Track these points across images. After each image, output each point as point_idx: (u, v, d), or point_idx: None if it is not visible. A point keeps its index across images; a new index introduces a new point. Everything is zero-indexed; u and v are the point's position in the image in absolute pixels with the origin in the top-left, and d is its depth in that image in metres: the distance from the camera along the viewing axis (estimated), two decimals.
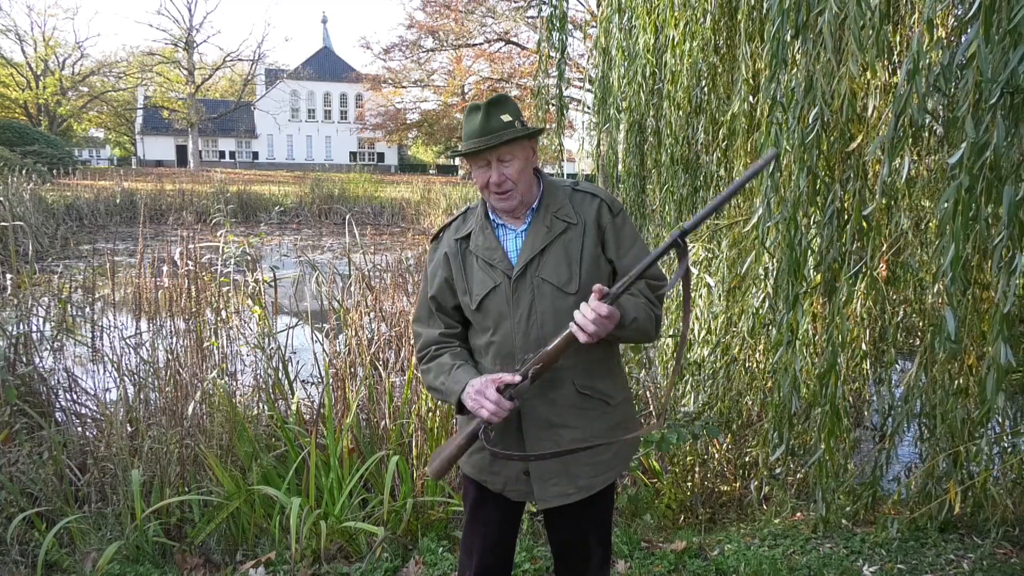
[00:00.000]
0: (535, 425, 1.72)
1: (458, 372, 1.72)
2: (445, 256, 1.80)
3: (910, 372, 3.02)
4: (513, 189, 1.69)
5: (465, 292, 1.77)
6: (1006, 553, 2.87)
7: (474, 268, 1.75)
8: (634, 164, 4.71)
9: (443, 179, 37.61)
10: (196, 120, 42.76)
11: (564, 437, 1.71)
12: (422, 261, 7.03)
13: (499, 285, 1.71)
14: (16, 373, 3.71)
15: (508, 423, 1.70)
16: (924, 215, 3.09)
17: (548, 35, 4.55)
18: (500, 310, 1.71)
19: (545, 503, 1.75)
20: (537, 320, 1.69)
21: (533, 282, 1.69)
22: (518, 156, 1.69)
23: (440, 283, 1.81)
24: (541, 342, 1.67)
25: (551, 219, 1.72)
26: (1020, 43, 1.81)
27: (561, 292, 1.68)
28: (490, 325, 1.74)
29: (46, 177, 21.27)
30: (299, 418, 3.46)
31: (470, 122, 1.70)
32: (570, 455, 1.71)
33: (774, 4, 2.57)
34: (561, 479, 1.74)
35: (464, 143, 1.70)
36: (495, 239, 1.75)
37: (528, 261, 1.70)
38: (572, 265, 1.69)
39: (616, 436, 1.77)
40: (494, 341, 1.73)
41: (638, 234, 1.79)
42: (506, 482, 1.78)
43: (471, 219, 1.82)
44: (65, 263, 9.69)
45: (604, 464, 1.78)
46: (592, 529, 1.84)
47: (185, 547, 2.93)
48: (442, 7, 36.25)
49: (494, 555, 1.90)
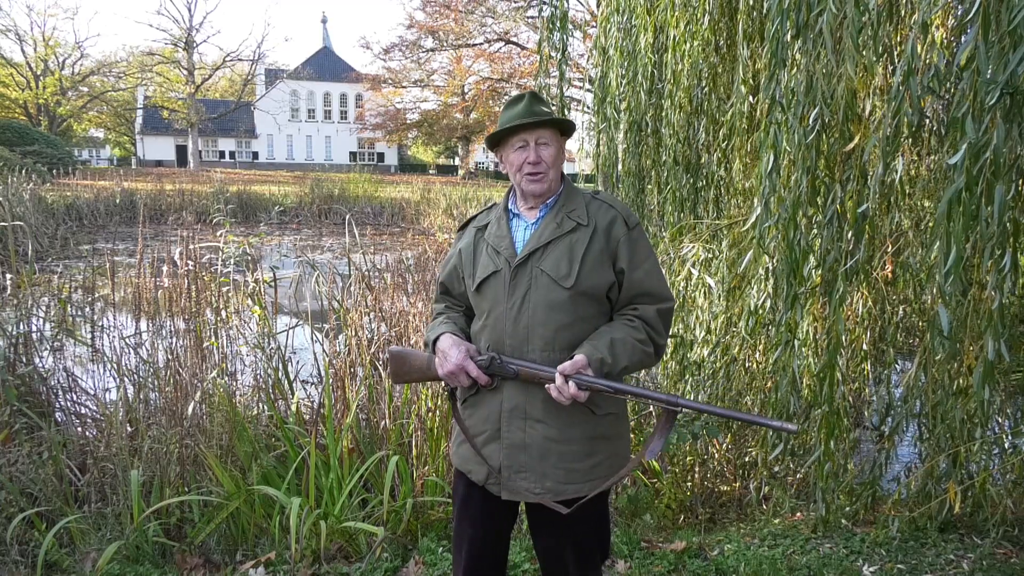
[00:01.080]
0: (511, 413, 1.76)
1: (439, 326, 1.85)
2: (460, 250, 1.90)
3: (910, 372, 3.02)
4: (546, 172, 1.77)
5: (470, 276, 1.84)
6: (1006, 553, 2.87)
7: (483, 254, 1.83)
8: (633, 164, 4.71)
9: (443, 179, 37.62)
10: (196, 120, 42.76)
11: (537, 431, 1.74)
12: (422, 261, 7.03)
13: (500, 270, 1.78)
14: (16, 373, 3.71)
15: (490, 407, 1.78)
16: (924, 215, 3.09)
17: (548, 35, 4.55)
18: (496, 295, 1.77)
19: (510, 495, 1.78)
20: (529, 309, 1.73)
21: (532, 272, 1.74)
22: (554, 143, 1.79)
23: (451, 270, 1.94)
24: (529, 331, 1.72)
25: (563, 217, 1.77)
26: (1020, 44, 1.81)
27: (557, 285, 1.71)
28: (485, 309, 1.80)
29: (46, 177, 21.28)
30: (299, 418, 3.46)
31: (512, 107, 1.78)
32: (542, 452, 1.74)
33: (774, 4, 2.57)
34: (531, 475, 1.75)
35: (506, 124, 1.77)
36: (507, 228, 1.83)
37: (532, 251, 1.75)
38: (573, 263, 1.72)
39: (597, 448, 1.77)
40: (487, 326, 1.79)
41: (652, 251, 1.80)
42: (488, 473, 1.80)
43: (494, 211, 1.91)
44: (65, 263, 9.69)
45: (578, 474, 1.75)
46: (568, 545, 1.83)
47: (185, 547, 2.93)
48: (442, 7, 36.28)
49: (482, 550, 1.90)
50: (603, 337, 1.69)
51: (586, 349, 1.66)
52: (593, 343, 1.68)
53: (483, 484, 1.82)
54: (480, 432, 1.81)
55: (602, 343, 1.67)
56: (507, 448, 1.76)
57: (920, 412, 3.08)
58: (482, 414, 1.81)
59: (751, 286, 3.35)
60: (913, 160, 3.11)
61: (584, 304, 1.73)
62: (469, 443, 1.83)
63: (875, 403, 3.73)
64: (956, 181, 1.93)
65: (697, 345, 3.78)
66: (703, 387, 3.75)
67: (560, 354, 1.70)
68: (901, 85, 2.12)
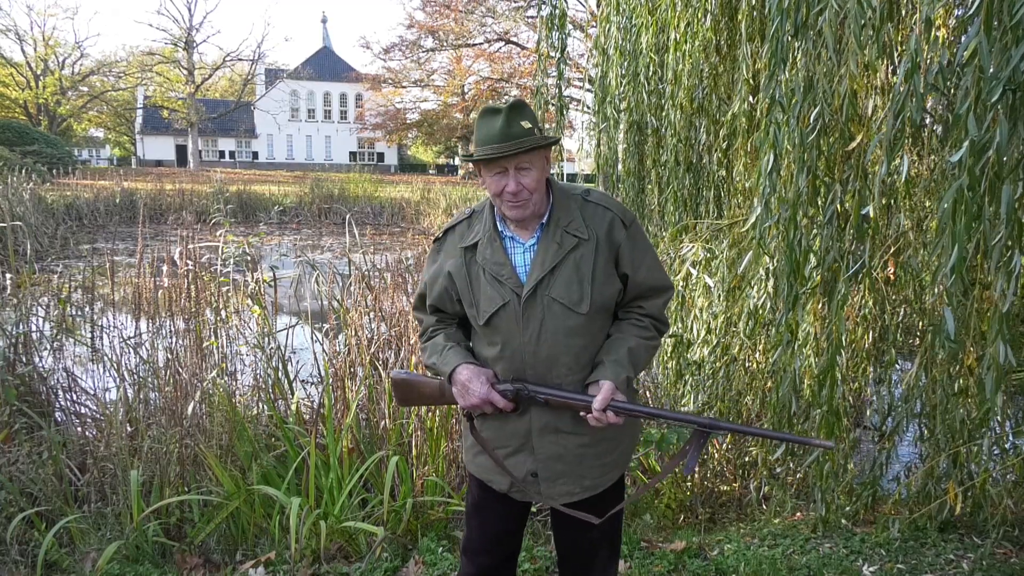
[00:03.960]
0: (541, 430, 1.73)
1: (449, 354, 1.76)
2: (448, 273, 1.76)
3: (910, 372, 3.02)
4: (528, 199, 1.64)
5: (472, 305, 1.73)
6: (1006, 553, 2.87)
7: (481, 282, 1.71)
8: (633, 164, 4.71)
9: (443, 179, 37.60)
10: (196, 120, 42.75)
11: (571, 442, 1.72)
12: (421, 261, 7.02)
13: (508, 303, 1.67)
14: (16, 373, 3.71)
15: (515, 425, 1.74)
16: (925, 215, 3.09)
17: (548, 34, 4.55)
18: (509, 328, 1.69)
19: (552, 501, 1.76)
20: (547, 339, 1.67)
21: (543, 301, 1.65)
22: (536, 165, 1.64)
23: (440, 292, 1.79)
24: (552, 360, 1.67)
25: (562, 234, 1.66)
26: (1022, 40, 1.80)
27: (572, 312, 1.65)
28: (498, 341, 1.71)
29: (46, 177, 21.27)
30: (299, 418, 3.46)
31: (488, 125, 1.61)
32: (578, 458, 1.73)
33: (774, 3, 2.57)
34: (569, 479, 1.75)
35: (480, 148, 1.62)
36: (503, 253, 1.70)
37: (539, 280, 1.65)
38: (583, 284, 1.65)
39: (622, 437, 1.79)
40: (504, 356, 1.71)
41: (650, 244, 1.78)
42: (512, 483, 1.78)
43: (477, 225, 1.75)
44: (65, 263, 9.68)
45: (611, 464, 1.79)
46: (599, 532, 1.84)
47: (185, 547, 2.92)
48: (442, 7, 36.26)
49: (491, 556, 1.90)
50: (619, 349, 1.68)
51: (610, 372, 1.63)
52: (613, 359, 1.66)
53: (506, 492, 1.81)
54: (504, 446, 1.78)
55: (622, 356, 1.66)
56: (542, 461, 1.74)
57: (920, 412, 3.08)
58: (507, 430, 1.76)
59: (751, 286, 3.35)
60: (914, 160, 3.11)
61: (599, 319, 1.71)
62: (488, 454, 1.79)
63: (875, 403, 3.72)
64: (959, 179, 1.92)
65: (697, 345, 3.78)
66: (703, 387, 3.75)
67: (584, 372, 1.69)
68: (904, 83, 2.11)
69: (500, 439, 1.78)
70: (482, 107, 1.68)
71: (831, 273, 2.82)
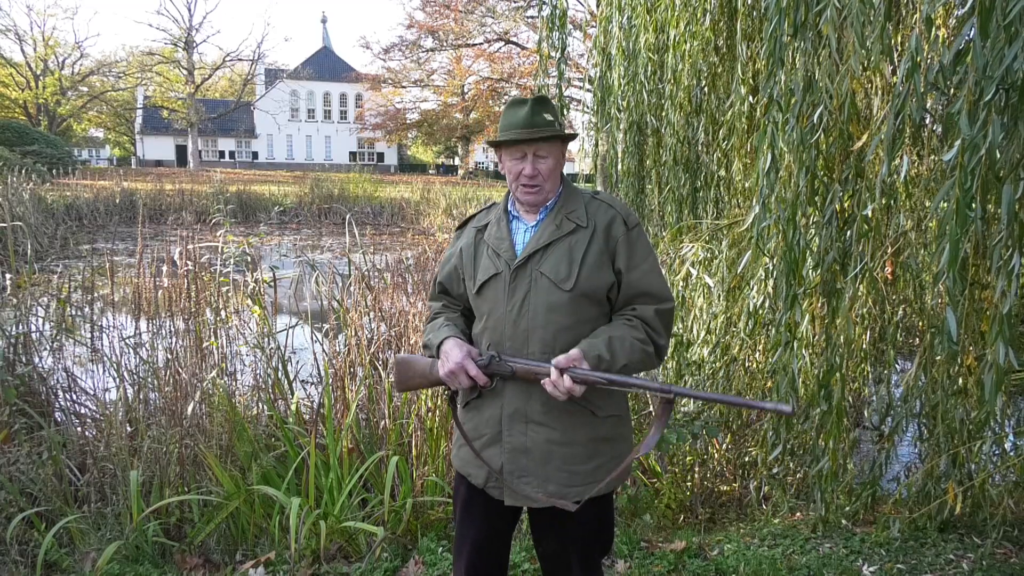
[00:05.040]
0: (511, 417, 1.75)
1: (442, 330, 1.84)
2: (461, 250, 1.90)
3: (910, 372, 3.02)
4: (542, 184, 1.77)
5: (471, 277, 1.84)
6: (1006, 553, 2.87)
7: (483, 256, 1.83)
8: (633, 164, 4.72)
9: (443, 179, 37.60)
10: (196, 120, 42.75)
11: (539, 435, 1.73)
12: (422, 261, 7.03)
13: (500, 273, 1.78)
14: (15, 373, 3.71)
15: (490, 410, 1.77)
16: (925, 215, 3.09)
17: (548, 34, 4.54)
18: (496, 297, 1.78)
19: (512, 500, 1.77)
20: (528, 311, 1.73)
21: (532, 274, 1.74)
22: (552, 155, 1.77)
23: (450, 270, 1.92)
24: (528, 334, 1.72)
25: (562, 219, 1.77)
26: (1016, 38, 1.79)
27: (556, 288, 1.71)
28: (485, 311, 1.80)
29: (46, 177, 21.25)
30: (299, 418, 3.46)
31: (513, 114, 1.76)
32: (544, 456, 1.73)
33: (772, 3, 2.57)
34: (533, 479, 1.74)
35: (505, 132, 1.76)
36: (507, 230, 1.83)
37: (531, 253, 1.75)
38: (573, 265, 1.72)
39: (599, 450, 1.76)
40: (487, 328, 1.79)
41: (652, 252, 1.80)
42: (488, 476, 1.80)
43: (494, 212, 1.91)
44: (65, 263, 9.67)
45: (580, 476, 1.74)
46: (572, 545, 1.82)
47: (185, 547, 2.93)
48: (442, 7, 36.24)
49: (481, 555, 1.89)
50: (601, 335, 1.69)
51: (583, 345, 1.66)
52: (591, 340, 1.68)
53: (483, 487, 1.82)
54: (480, 435, 1.81)
55: (600, 340, 1.67)
56: (509, 452, 1.75)
57: (920, 412, 3.08)
58: (482, 417, 1.80)
59: (750, 286, 3.35)
60: (914, 160, 3.11)
61: (584, 306, 1.73)
62: (469, 446, 1.83)
63: (875, 403, 3.73)
64: (954, 177, 1.92)
65: (696, 345, 3.78)
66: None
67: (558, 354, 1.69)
68: (904, 82, 2.11)
69: (477, 428, 1.82)
70: (510, 99, 1.83)
71: (830, 273, 2.82)
